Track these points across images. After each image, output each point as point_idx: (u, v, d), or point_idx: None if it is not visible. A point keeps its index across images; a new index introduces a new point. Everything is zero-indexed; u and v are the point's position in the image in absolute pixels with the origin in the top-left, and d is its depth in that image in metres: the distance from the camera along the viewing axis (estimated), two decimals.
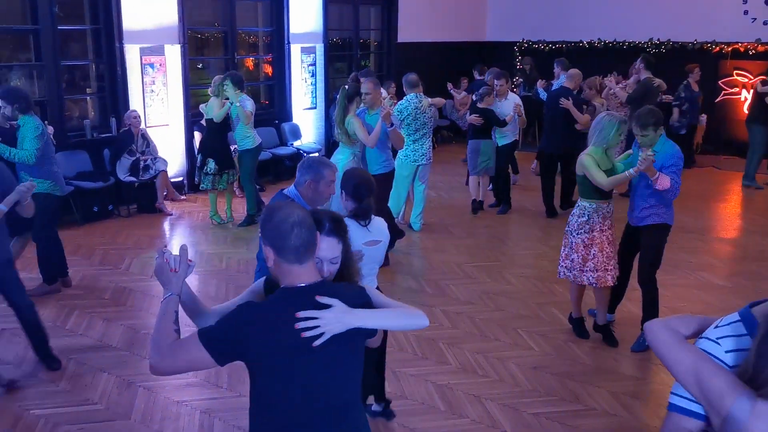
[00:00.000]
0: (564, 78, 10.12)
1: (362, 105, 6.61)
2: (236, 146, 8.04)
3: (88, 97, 8.98)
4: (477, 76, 11.27)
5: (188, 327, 2.21)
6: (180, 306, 2.22)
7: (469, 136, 8.56)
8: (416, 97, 7.50)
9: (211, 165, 7.77)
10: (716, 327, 1.82)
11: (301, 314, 2.04)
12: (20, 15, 8.08)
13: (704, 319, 1.90)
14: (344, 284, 2.28)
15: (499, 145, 8.46)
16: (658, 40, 12.63)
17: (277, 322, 2.06)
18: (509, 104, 8.37)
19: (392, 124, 6.39)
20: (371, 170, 6.25)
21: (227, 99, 7.63)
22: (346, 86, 6.74)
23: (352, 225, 3.39)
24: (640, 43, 12.77)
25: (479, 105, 8.29)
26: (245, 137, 7.86)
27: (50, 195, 5.66)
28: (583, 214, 4.90)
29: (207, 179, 7.83)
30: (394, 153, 7.31)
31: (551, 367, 4.77)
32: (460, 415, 4.15)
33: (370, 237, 3.46)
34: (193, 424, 4.04)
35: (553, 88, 10.22)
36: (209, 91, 7.97)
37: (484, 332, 5.29)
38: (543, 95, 10.41)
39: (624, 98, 9.45)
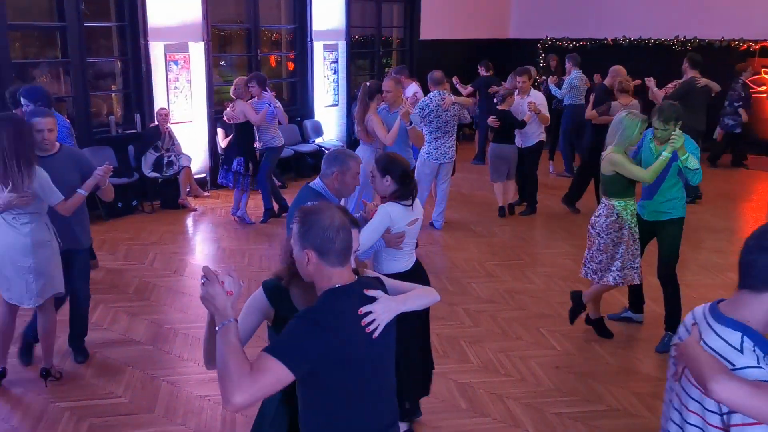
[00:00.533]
0: (576, 74, 10.05)
1: (383, 103, 6.58)
2: (260, 143, 8.04)
3: (113, 94, 9.07)
4: (483, 72, 11.13)
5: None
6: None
7: (492, 139, 8.46)
8: (439, 94, 7.46)
9: (248, 165, 7.80)
10: (741, 351, 1.82)
11: (363, 309, 2.13)
12: (48, 12, 8.18)
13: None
14: (366, 277, 2.35)
15: (524, 146, 8.27)
16: (684, 37, 12.43)
17: (344, 322, 2.10)
18: (535, 101, 8.22)
19: (411, 123, 6.36)
20: None
21: (251, 98, 7.68)
22: (368, 83, 6.73)
23: (396, 207, 3.60)
24: (665, 40, 12.58)
25: (499, 107, 8.10)
26: (274, 136, 7.92)
27: None
28: (612, 213, 4.80)
29: (247, 179, 7.81)
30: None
31: (574, 367, 4.73)
32: (482, 414, 4.14)
33: (412, 216, 3.69)
34: (215, 418, 4.06)
35: (564, 84, 10.14)
36: (231, 93, 7.87)
37: (506, 331, 5.26)
38: (555, 92, 10.33)
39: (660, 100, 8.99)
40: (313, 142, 10.75)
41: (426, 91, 7.98)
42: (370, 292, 2.18)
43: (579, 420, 4.07)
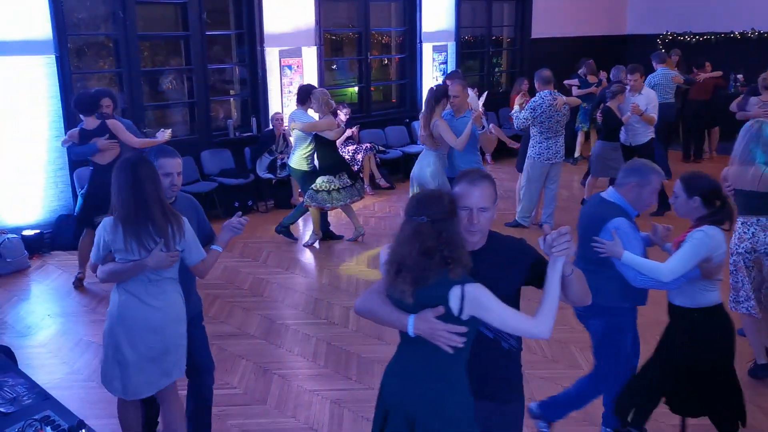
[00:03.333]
0: (661, 71, 9.50)
1: (448, 107, 6.37)
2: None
3: (231, 99, 9.49)
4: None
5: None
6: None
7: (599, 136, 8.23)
8: (550, 94, 7.31)
9: (344, 178, 7.16)
10: None
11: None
12: (173, 22, 8.68)
13: None
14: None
15: (632, 145, 7.94)
16: None
17: None
18: (643, 100, 7.91)
19: (483, 127, 6.18)
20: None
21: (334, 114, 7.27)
22: (434, 87, 6.52)
23: (717, 232, 3.28)
24: None
25: (608, 103, 7.89)
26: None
27: None
28: (748, 231, 4.43)
29: (343, 192, 7.15)
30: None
31: None
32: (592, 423, 4.00)
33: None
34: (323, 413, 4.16)
35: (646, 81, 9.56)
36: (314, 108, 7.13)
37: None
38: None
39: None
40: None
41: (533, 92, 7.81)
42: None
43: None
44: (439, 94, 6.29)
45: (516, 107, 7.65)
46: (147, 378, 3.20)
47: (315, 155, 7.06)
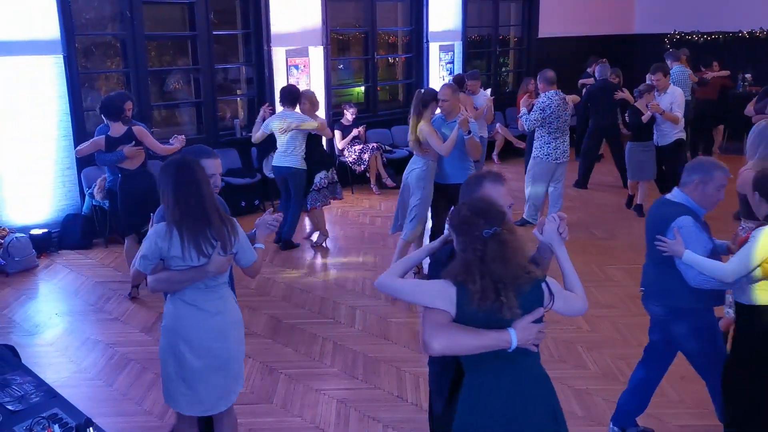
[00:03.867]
0: (676, 69, 9.52)
1: (438, 112, 6.00)
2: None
3: (238, 98, 9.51)
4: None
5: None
6: None
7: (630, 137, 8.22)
8: (556, 94, 7.32)
9: (323, 174, 7.14)
10: None
11: None
12: (180, 22, 8.71)
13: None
14: None
15: (660, 145, 7.94)
16: None
17: None
18: (668, 99, 7.90)
19: (470, 132, 5.74)
20: (453, 179, 5.76)
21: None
22: (422, 90, 6.11)
23: None
24: None
25: (636, 103, 7.93)
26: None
27: None
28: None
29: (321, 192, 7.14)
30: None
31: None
32: (599, 423, 3.99)
33: None
34: (330, 412, 4.17)
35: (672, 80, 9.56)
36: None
37: (626, 337, 5.05)
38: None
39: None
40: None
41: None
42: None
43: None
44: (428, 97, 5.90)
45: (523, 109, 7.64)
46: (215, 390, 3.11)
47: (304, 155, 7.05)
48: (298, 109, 7.04)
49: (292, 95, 7.05)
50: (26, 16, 6.92)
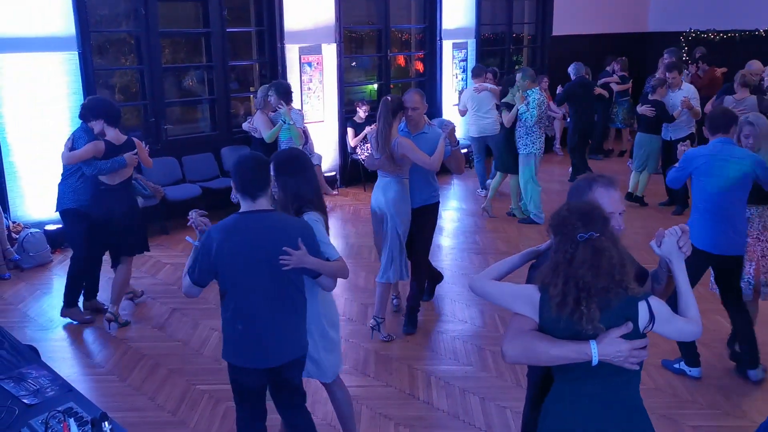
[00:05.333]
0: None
1: (402, 121, 5.10)
2: None
3: (252, 96, 9.52)
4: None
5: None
6: None
7: (638, 129, 8.44)
8: (538, 91, 7.73)
9: None
10: None
11: None
12: (194, 19, 8.73)
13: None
14: None
15: (672, 139, 8.01)
16: None
17: None
18: (682, 95, 7.98)
19: (458, 143, 5.18)
20: (418, 201, 5.10)
21: (273, 112, 7.12)
22: (389, 98, 5.03)
23: None
24: None
25: (650, 96, 8.05)
26: None
27: None
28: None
29: None
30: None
31: (715, 379, 4.43)
32: None
33: None
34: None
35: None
36: (255, 104, 7.28)
37: None
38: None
39: None
40: None
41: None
42: None
43: None
44: (395, 106, 4.94)
45: (522, 107, 7.74)
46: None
47: None
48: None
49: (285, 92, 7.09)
50: (41, 13, 6.96)
